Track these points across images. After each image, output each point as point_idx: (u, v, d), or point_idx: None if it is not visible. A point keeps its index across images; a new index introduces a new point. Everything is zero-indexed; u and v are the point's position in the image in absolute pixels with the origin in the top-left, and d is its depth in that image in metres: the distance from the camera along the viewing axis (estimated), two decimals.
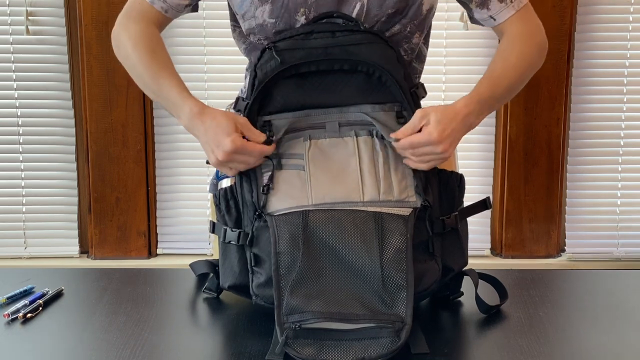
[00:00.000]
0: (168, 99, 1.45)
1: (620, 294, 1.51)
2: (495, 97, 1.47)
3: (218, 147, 1.35)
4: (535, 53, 1.54)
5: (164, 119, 3.08)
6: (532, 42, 1.53)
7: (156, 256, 3.17)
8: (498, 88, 1.47)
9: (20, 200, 3.12)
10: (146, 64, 1.48)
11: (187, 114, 1.41)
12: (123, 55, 1.54)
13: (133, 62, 1.50)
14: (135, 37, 1.51)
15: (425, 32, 1.55)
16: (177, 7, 1.55)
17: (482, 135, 3.13)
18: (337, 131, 1.40)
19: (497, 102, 1.50)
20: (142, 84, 1.51)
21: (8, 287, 1.49)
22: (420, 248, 1.35)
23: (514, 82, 1.50)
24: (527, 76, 1.53)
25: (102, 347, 1.31)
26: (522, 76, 1.52)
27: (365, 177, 1.36)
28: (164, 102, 1.47)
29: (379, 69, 1.40)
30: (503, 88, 1.48)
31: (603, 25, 3.07)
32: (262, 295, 1.34)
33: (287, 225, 1.32)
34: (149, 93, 1.51)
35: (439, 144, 1.35)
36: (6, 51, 3.02)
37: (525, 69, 1.52)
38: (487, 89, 1.46)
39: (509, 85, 1.49)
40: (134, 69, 1.51)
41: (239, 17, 1.53)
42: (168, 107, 1.47)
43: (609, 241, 3.19)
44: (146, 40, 1.51)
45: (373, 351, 1.23)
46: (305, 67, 1.40)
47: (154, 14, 1.54)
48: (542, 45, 1.55)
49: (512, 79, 1.49)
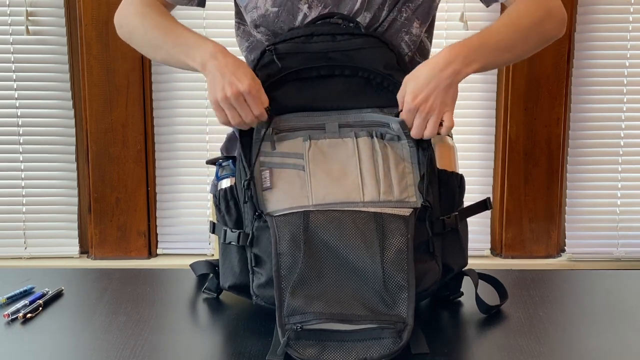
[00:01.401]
0: (185, 43, 1.44)
1: (620, 294, 1.51)
2: (488, 47, 1.41)
3: (233, 83, 1.35)
4: (544, 15, 1.46)
5: (164, 119, 3.08)
6: (540, 5, 1.47)
7: (156, 256, 3.17)
8: (490, 39, 1.42)
9: (20, 200, 3.12)
10: (157, 23, 1.49)
11: (208, 50, 1.39)
12: (130, 29, 1.53)
13: (142, 30, 1.50)
14: (142, 9, 1.52)
15: (427, 24, 1.54)
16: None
17: (482, 136, 3.13)
18: (336, 132, 1.40)
19: (491, 54, 1.42)
20: (154, 45, 1.49)
21: (8, 287, 1.49)
22: (421, 248, 1.35)
23: (513, 38, 1.44)
24: (531, 37, 1.46)
25: (102, 347, 1.31)
26: (522, 34, 1.44)
27: (365, 178, 1.36)
28: (179, 49, 1.44)
29: (379, 74, 1.40)
30: (497, 40, 1.42)
31: (603, 25, 3.07)
32: (263, 296, 1.34)
33: (288, 226, 1.32)
34: (161, 54, 1.49)
35: (421, 111, 1.35)
36: (6, 51, 3.02)
37: (527, 28, 1.45)
38: (478, 38, 1.41)
39: (506, 39, 1.43)
40: (144, 36, 1.51)
41: (243, 10, 1.54)
42: (182, 54, 1.44)
43: (609, 241, 3.19)
44: (154, 8, 1.53)
45: (375, 352, 1.23)
46: (306, 72, 1.41)
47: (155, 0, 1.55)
48: (555, 11, 1.48)
49: (510, 34, 1.43)
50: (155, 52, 1.52)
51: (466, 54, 1.38)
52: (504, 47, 1.43)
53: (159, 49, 1.50)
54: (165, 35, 1.47)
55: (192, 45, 1.43)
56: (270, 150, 1.38)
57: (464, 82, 1.41)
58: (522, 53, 1.49)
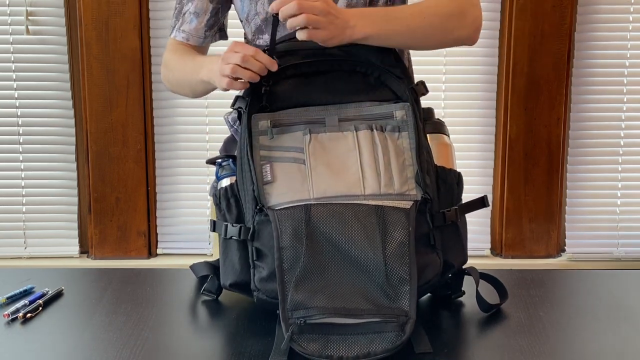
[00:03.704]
0: (199, 65, 1.52)
1: (620, 294, 1.51)
2: (388, 19, 1.44)
3: (242, 49, 1.37)
4: (455, 13, 1.50)
5: (164, 119, 3.09)
6: (455, 2, 1.51)
7: (156, 256, 3.17)
8: (394, 13, 1.46)
9: (20, 200, 3.12)
10: (178, 64, 1.62)
11: (212, 61, 1.47)
12: (170, 74, 1.66)
13: (176, 71, 1.63)
14: (174, 55, 1.65)
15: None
16: (197, 33, 1.65)
17: (482, 135, 3.13)
18: (336, 125, 1.40)
19: (388, 24, 1.44)
20: (183, 82, 1.60)
21: (8, 287, 1.49)
22: (422, 241, 1.35)
23: (416, 21, 1.46)
24: (435, 26, 1.49)
25: (102, 347, 1.31)
26: (427, 21, 1.48)
27: (365, 171, 1.36)
28: (194, 74, 1.53)
29: (377, 69, 1.40)
30: (399, 18, 1.45)
31: (603, 25, 3.07)
32: (265, 290, 1.34)
33: (290, 219, 1.32)
34: (190, 86, 1.59)
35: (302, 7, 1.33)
36: (6, 51, 3.03)
37: (433, 15, 1.48)
38: (383, 9, 1.47)
39: (408, 20, 1.46)
40: (180, 72, 1.62)
41: (244, 21, 1.56)
42: (195, 73, 1.53)
43: (609, 241, 3.19)
44: (183, 51, 1.65)
45: (378, 346, 1.23)
46: (305, 67, 1.41)
47: (182, 46, 1.66)
48: (469, 13, 1.51)
49: (414, 17, 1.46)
50: (189, 86, 1.61)
51: (362, 17, 1.40)
52: (405, 28, 1.46)
53: (187, 83, 1.60)
54: (184, 69, 1.60)
55: (202, 65, 1.51)
56: (269, 144, 1.38)
57: (464, 82, 1.41)
58: (423, 41, 1.51)
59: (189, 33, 1.65)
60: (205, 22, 1.65)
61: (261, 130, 1.39)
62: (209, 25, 1.65)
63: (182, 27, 1.65)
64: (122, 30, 2.94)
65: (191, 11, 1.64)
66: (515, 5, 2.99)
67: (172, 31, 1.68)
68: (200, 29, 1.65)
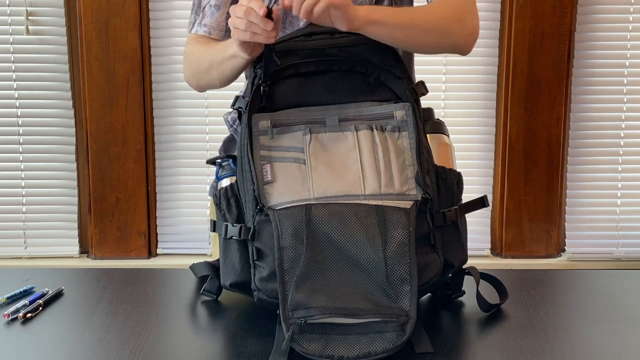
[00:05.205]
0: (222, 47, 1.51)
1: (620, 294, 1.51)
2: (394, 11, 1.49)
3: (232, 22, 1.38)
4: (454, 22, 1.52)
5: (164, 119, 3.09)
6: (455, 11, 1.52)
7: (156, 256, 3.17)
8: (398, 8, 1.52)
9: (20, 200, 3.12)
10: (212, 45, 1.59)
11: None
12: (194, 63, 1.63)
13: (202, 58, 1.59)
14: (197, 45, 1.63)
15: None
16: (219, 26, 1.64)
17: (482, 135, 3.14)
18: (337, 125, 1.40)
19: (393, 13, 1.47)
20: (216, 61, 1.55)
21: (8, 287, 1.49)
22: (422, 241, 1.35)
23: (419, 17, 1.49)
24: (437, 25, 1.51)
25: (102, 347, 1.31)
26: (430, 19, 1.50)
27: (366, 171, 1.36)
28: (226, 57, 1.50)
29: (377, 69, 1.40)
30: (403, 11, 1.49)
31: (603, 25, 3.07)
32: (265, 289, 1.34)
33: (290, 219, 1.32)
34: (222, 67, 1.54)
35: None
36: (6, 51, 3.03)
37: (434, 16, 1.51)
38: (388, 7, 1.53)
39: (411, 14, 1.50)
40: (207, 55, 1.58)
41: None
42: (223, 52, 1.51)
43: (609, 241, 3.19)
44: (206, 42, 1.63)
45: (379, 346, 1.23)
46: (304, 67, 1.41)
47: (203, 38, 1.64)
48: (467, 24, 1.53)
49: (417, 13, 1.50)
50: (217, 71, 1.57)
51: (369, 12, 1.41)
52: (407, 19, 1.47)
53: (215, 65, 1.55)
54: (212, 52, 1.57)
55: (231, 42, 1.47)
56: (270, 144, 1.39)
57: (464, 82, 1.41)
58: (422, 38, 1.51)
59: (211, 26, 1.64)
60: (227, 14, 1.64)
61: (261, 130, 1.39)
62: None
63: (203, 21, 1.65)
64: (122, 30, 2.94)
65: (211, 4, 1.64)
66: (515, 5, 2.99)
67: (192, 27, 1.66)
68: (222, 22, 1.64)
